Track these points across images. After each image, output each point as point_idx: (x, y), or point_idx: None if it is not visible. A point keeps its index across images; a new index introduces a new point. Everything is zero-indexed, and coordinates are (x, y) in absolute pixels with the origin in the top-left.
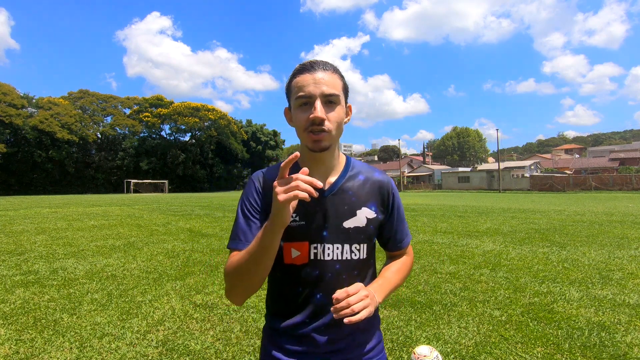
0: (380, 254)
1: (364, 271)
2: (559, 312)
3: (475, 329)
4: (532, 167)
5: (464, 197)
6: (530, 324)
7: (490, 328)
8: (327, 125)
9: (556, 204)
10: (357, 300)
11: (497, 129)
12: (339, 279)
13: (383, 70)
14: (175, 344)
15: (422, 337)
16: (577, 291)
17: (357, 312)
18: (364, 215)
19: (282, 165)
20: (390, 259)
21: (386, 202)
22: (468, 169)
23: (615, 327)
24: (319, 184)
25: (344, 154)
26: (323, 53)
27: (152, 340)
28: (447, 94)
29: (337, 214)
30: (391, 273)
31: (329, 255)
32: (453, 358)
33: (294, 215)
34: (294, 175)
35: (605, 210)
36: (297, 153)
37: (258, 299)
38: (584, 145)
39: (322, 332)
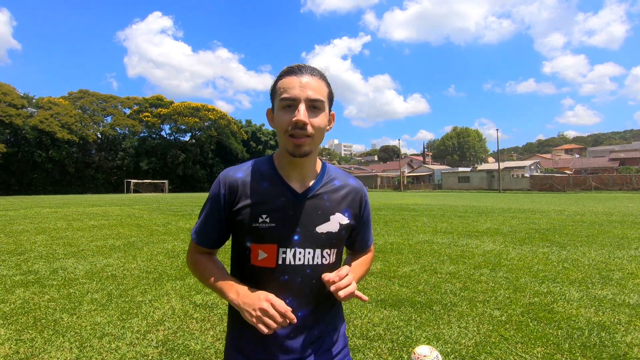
0: None
1: None
2: (559, 312)
3: (475, 329)
4: (532, 167)
5: (464, 197)
6: (530, 324)
7: (490, 328)
8: (310, 130)
9: (556, 204)
10: (351, 279)
11: (497, 129)
12: (309, 284)
13: (384, 70)
14: (175, 344)
15: (422, 337)
16: (577, 291)
17: (349, 288)
18: (337, 220)
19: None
20: (351, 256)
21: (359, 209)
22: (468, 169)
23: (615, 327)
24: (294, 320)
25: (321, 159)
26: (324, 53)
27: (152, 340)
28: (448, 94)
29: (310, 218)
30: (357, 264)
31: (299, 259)
32: (453, 358)
33: (264, 216)
34: (278, 307)
35: (605, 210)
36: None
37: None
38: (584, 145)
39: (290, 338)
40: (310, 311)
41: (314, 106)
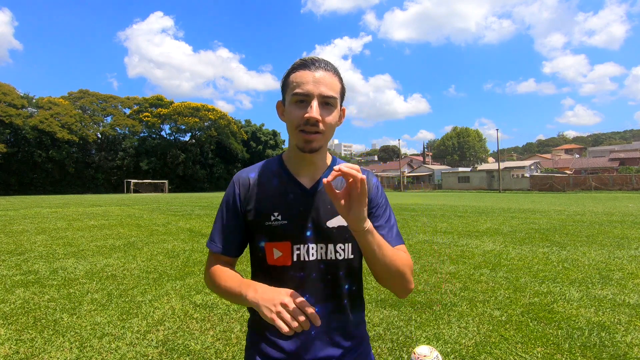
0: None
1: (351, 272)
2: (559, 312)
3: (475, 329)
4: (532, 167)
5: (464, 197)
6: (530, 324)
7: (490, 328)
8: (321, 127)
9: (556, 204)
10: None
11: (497, 129)
12: (324, 280)
13: (384, 70)
14: (175, 344)
15: (422, 337)
16: (577, 291)
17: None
18: None
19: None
20: None
21: (370, 199)
22: (468, 169)
23: (615, 327)
24: (317, 322)
25: (330, 153)
26: (324, 53)
27: (152, 340)
28: (448, 94)
29: (320, 213)
30: (390, 248)
31: (313, 255)
32: (453, 358)
33: (275, 214)
34: (298, 302)
35: (605, 210)
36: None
37: None
38: (584, 145)
39: (310, 337)
40: (330, 307)
41: (327, 102)
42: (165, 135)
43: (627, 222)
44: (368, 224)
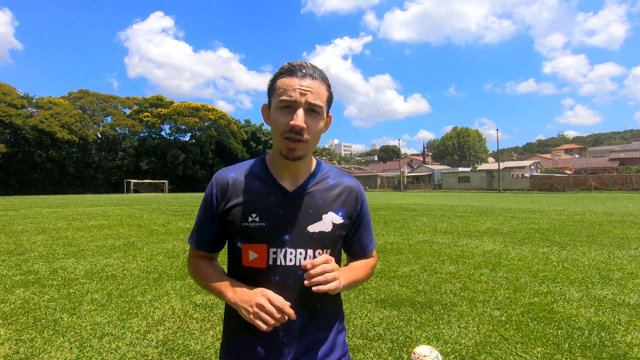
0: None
1: None
2: (559, 312)
3: (475, 329)
4: (532, 167)
5: (464, 197)
6: (530, 324)
7: (490, 328)
8: (306, 135)
9: (556, 204)
10: (330, 269)
11: (497, 129)
12: (301, 286)
13: (384, 70)
14: (175, 344)
15: (422, 337)
16: (577, 291)
17: (328, 282)
18: (330, 220)
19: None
20: (350, 262)
21: (354, 208)
22: (468, 169)
23: (615, 327)
24: (292, 315)
25: (316, 158)
26: (324, 53)
27: (152, 340)
28: (448, 94)
29: (301, 217)
30: (356, 266)
31: (290, 260)
32: (453, 358)
33: (253, 215)
34: (275, 302)
35: (605, 210)
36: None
37: None
38: (584, 145)
39: (284, 344)
40: (305, 315)
41: (312, 110)
42: (165, 135)
43: (627, 222)
44: (341, 284)
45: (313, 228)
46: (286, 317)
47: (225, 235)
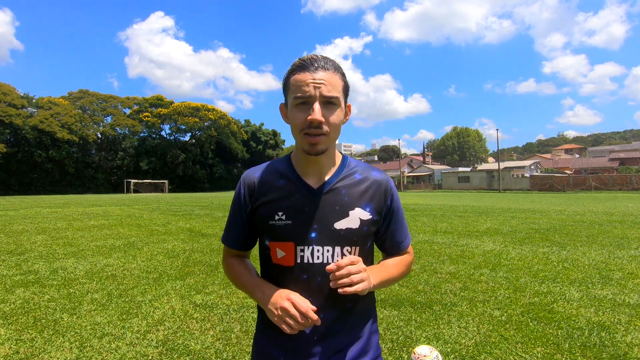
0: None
1: None
2: (559, 312)
3: (475, 329)
4: (532, 167)
5: (464, 197)
6: (530, 324)
7: (490, 328)
8: (325, 128)
9: (556, 204)
10: (357, 270)
11: (497, 129)
12: (329, 284)
13: (385, 70)
14: (175, 343)
15: (422, 337)
16: (577, 291)
17: (355, 284)
18: (357, 216)
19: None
20: (385, 258)
21: (383, 203)
22: (468, 169)
23: (615, 327)
24: (316, 321)
25: (342, 153)
26: (325, 52)
27: (152, 340)
28: (448, 94)
29: (327, 214)
30: (389, 264)
31: (318, 258)
32: (453, 358)
33: (279, 213)
34: (299, 307)
35: (605, 210)
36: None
37: None
38: (584, 145)
39: (314, 343)
40: (334, 315)
41: (329, 102)
42: (165, 135)
43: (627, 222)
44: (371, 284)
45: (340, 225)
46: (310, 322)
47: (255, 233)
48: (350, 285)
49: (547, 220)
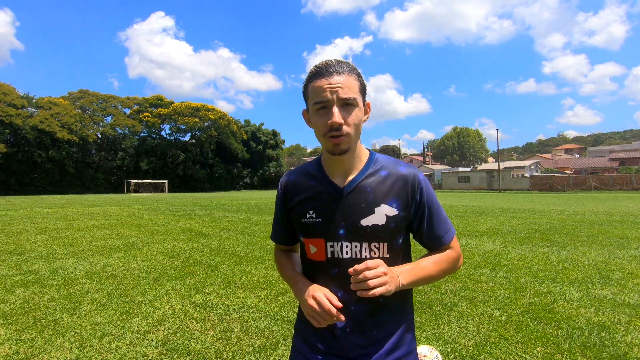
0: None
1: None
2: (559, 312)
3: (475, 329)
4: (532, 167)
5: (464, 197)
6: (530, 324)
7: (490, 328)
8: (345, 129)
9: (556, 204)
10: (374, 275)
11: (497, 129)
12: None
13: (385, 70)
14: (175, 344)
15: (422, 337)
16: (577, 291)
17: (373, 288)
18: (383, 212)
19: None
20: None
21: (411, 198)
22: (468, 169)
23: (615, 327)
24: (339, 317)
25: (369, 149)
26: (325, 52)
27: (152, 340)
28: (448, 94)
29: (353, 211)
30: (426, 261)
31: (347, 253)
32: (453, 358)
33: (310, 212)
34: (323, 305)
35: (605, 210)
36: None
37: (258, 299)
38: (584, 145)
39: (347, 333)
40: (366, 309)
41: (347, 103)
42: (165, 135)
43: (627, 222)
44: (399, 282)
45: (366, 222)
46: (334, 319)
47: (294, 230)
48: (368, 289)
49: (547, 220)
